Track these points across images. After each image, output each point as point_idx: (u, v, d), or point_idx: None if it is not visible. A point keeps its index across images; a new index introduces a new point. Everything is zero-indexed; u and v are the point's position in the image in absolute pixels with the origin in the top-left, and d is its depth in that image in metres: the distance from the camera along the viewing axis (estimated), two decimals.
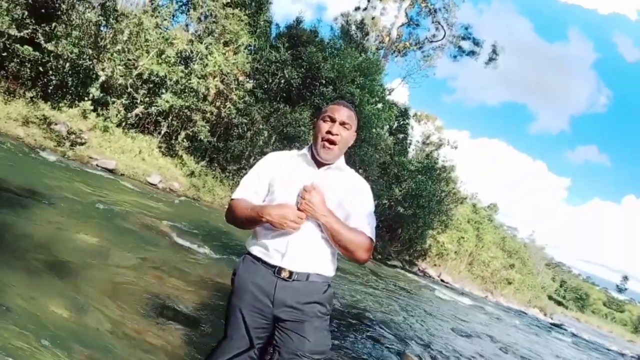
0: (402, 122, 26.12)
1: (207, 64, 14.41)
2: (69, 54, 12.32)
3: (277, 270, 1.76)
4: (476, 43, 28.93)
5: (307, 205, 1.72)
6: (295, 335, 1.74)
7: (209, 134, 14.98)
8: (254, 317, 1.78)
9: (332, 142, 1.83)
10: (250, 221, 1.80)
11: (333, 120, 1.85)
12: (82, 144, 11.96)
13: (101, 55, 13.23)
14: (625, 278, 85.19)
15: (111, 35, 13.69)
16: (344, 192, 1.86)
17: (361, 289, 9.20)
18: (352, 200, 1.86)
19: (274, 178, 1.87)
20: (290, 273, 1.76)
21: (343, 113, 1.87)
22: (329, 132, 1.83)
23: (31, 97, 12.10)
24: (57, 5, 12.45)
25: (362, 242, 1.81)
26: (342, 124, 1.85)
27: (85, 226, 5.36)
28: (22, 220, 4.66)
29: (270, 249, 1.78)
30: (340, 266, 1.91)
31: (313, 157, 1.89)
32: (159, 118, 14.80)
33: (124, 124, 13.75)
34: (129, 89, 13.74)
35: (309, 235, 1.77)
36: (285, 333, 1.75)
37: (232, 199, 1.90)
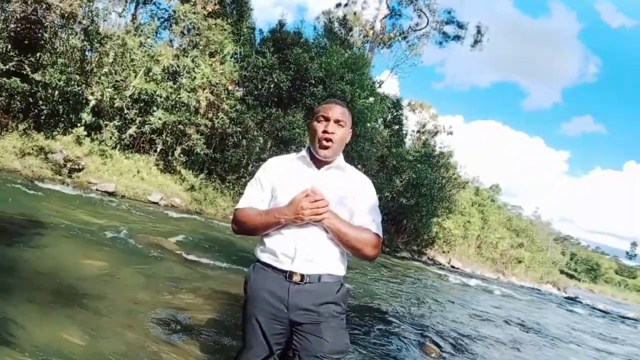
0: (395, 114, 26.11)
1: (195, 77, 14.41)
2: (56, 82, 12.31)
3: (288, 275, 1.76)
4: (460, 26, 28.91)
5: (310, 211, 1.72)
6: (313, 338, 1.74)
7: (205, 146, 14.98)
8: (271, 324, 1.77)
9: (329, 141, 1.82)
10: (265, 226, 1.79)
11: (327, 119, 1.85)
12: (79, 170, 11.96)
13: (89, 80, 13.23)
14: (634, 244, 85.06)
15: (97, 59, 13.70)
16: (345, 190, 1.86)
17: (373, 284, 9.20)
18: (354, 198, 1.86)
19: (275, 184, 1.86)
20: (302, 276, 1.75)
21: (336, 111, 1.87)
22: (324, 132, 1.83)
23: (24, 129, 12.08)
24: (39, 34, 12.44)
25: (369, 240, 1.81)
26: (337, 121, 1.85)
27: (91, 251, 5.35)
28: (28, 252, 4.65)
29: (279, 255, 1.78)
30: (351, 263, 1.91)
31: (312, 158, 1.88)
32: (153, 136, 14.78)
33: (119, 145, 13.75)
34: (124, 111, 13.74)
35: (316, 236, 1.77)
36: (303, 336, 1.75)
37: (237, 209, 1.89)
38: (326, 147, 1.83)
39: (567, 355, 7.42)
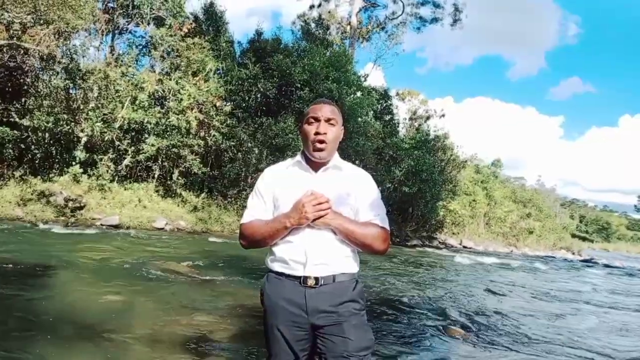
0: (385, 104, 26.13)
1: (181, 99, 14.43)
2: (45, 124, 12.34)
3: (302, 280, 1.75)
4: (436, 5, 28.82)
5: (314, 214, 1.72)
6: (336, 338, 1.74)
7: (201, 165, 15.01)
8: (292, 331, 1.77)
9: (322, 142, 1.82)
10: (273, 234, 1.79)
11: (317, 120, 1.84)
12: (81, 207, 11.98)
13: (77, 117, 13.25)
14: None
15: (82, 96, 13.73)
16: (345, 189, 1.85)
17: (387, 276, 9.20)
18: (356, 195, 1.85)
19: (276, 192, 1.86)
20: (316, 279, 1.75)
21: (325, 110, 1.86)
22: (316, 133, 1.82)
23: (20, 176, 12.11)
24: (22, 80, 12.47)
25: (377, 234, 1.81)
26: (327, 121, 1.84)
27: (105, 286, 5.36)
28: (42, 293, 4.66)
29: (290, 262, 1.77)
30: (362, 258, 1.91)
31: (308, 161, 1.88)
32: (149, 163, 14.81)
33: (116, 177, 13.78)
34: (116, 143, 13.76)
35: (324, 237, 1.77)
36: (326, 338, 1.75)
37: (242, 224, 1.89)
38: (320, 149, 1.82)
39: (593, 319, 7.42)
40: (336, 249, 1.78)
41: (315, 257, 1.75)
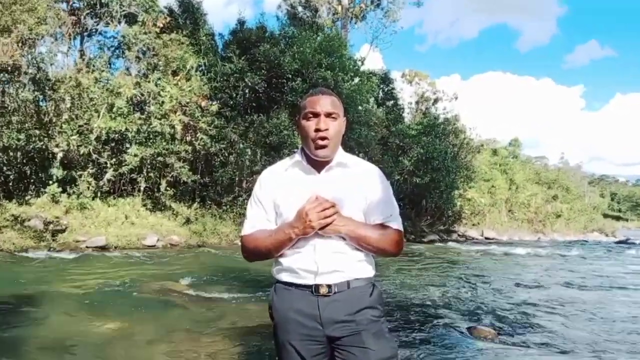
0: (386, 89, 26.08)
1: (163, 102, 14.42)
2: (16, 142, 12.35)
3: (314, 289, 1.75)
4: None
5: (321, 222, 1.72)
6: (356, 349, 1.73)
7: (191, 172, 14.99)
8: (307, 345, 1.76)
9: (324, 139, 1.80)
10: (277, 246, 1.78)
11: (316, 115, 1.80)
12: (63, 230, 11.99)
13: (50, 132, 13.25)
14: None
15: (53, 107, 13.73)
16: (353, 188, 1.84)
17: (405, 276, 9.21)
18: (366, 195, 1.84)
19: (277, 198, 1.84)
20: (329, 287, 1.74)
21: (324, 103, 1.82)
22: (317, 130, 1.79)
23: None
24: None
25: (391, 239, 1.80)
26: (328, 115, 1.80)
27: (97, 314, 5.38)
28: (30, 328, 4.67)
29: (299, 271, 1.76)
30: (376, 260, 1.91)
31: (309, 160, 1.86)
32: (133, 175, 14.79)
33: (99, 194, 13.78)
34: (93, 156, 13.75)
35: (335, 242, 1.76)
36: (345, 350, 1.74)
37: (243, 236, 1.88)
38: (323, 147, 1.79)
39: (634, 307, 7.42)
40: (349, 253, 1.78)
41: (327, 263, 1.74)
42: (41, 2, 12.11)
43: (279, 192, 1.84)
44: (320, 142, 1.78)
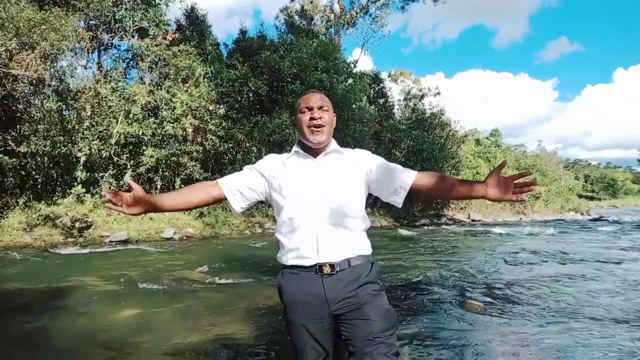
0: (377, 88, 26.04)
1: (174, 107, 14.41)
2: (43, 148, 12.34)
3: (318, 269, 1.74)
4: None
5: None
6: (359, 322, 1.72)
7: (202, 170, 15.02)
8: (316, 324, 1.76)
9: (319, 126, 1.84)
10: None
11: (310, 109, 1.86)
12: (88, 227, 12.01)
13: (73, 138, 13.25)
14: None
15: (75, 116, 13.71)
16: (354, 166, 1.87)
17: (399, 257, 9.22)
18: (370, 169, 1.88)
19: (274, 177, 1.88)
20: (332, 266, 1.74)
21: (316, 98, 1.88)
22: (312, 119, 1.84)
23: (24, 202, 12.14)
24: (14, 107, 12.46)
25: (443, 176, 1.97)
26: (320, 107, 1.87)
27: (121, 303, 5.39)
28: (60, 318, 4.68)
29: (302, 253, 1.76)
30: (371, 242, 1.91)
31: (306, 149, 1.89)
32: (150, 174, 14.83)
33: None
34: (113, 159, 13.77)
35: (333, 221, 1.76)
36: (349, 324, 1.74)
37: (217, 180, 1.99)
38: (318, 132, 1.84)
39: (610, 277, 7.43)
40: (346, 231, 1.78)
41: (327, 241, 1.74)
42: (69, 21, 12.05)
43: (278, 172, 1.88)
44: (315, 129, 1.83)
